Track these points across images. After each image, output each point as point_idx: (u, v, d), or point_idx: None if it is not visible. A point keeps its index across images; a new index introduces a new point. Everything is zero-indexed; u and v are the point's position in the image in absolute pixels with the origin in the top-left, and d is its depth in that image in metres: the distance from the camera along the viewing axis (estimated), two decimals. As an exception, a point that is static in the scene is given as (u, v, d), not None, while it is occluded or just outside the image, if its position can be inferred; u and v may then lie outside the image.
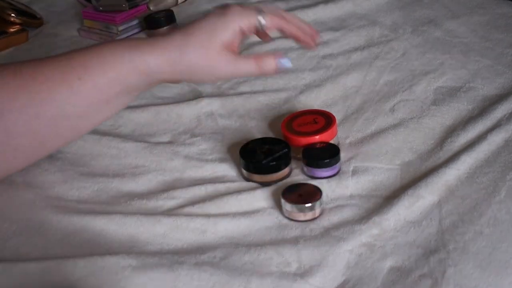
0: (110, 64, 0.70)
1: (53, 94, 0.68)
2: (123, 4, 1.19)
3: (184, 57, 0.71)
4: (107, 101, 0.71)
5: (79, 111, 0.70)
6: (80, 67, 0.69)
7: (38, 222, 0.71)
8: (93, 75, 0.69)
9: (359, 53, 1.04)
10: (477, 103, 0.88)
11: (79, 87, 0.69)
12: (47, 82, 0.68)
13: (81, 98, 0.69)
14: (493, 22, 1.10)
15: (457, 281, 0.61)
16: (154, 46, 0.71)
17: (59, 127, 0.70)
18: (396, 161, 0.79)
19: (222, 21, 0.72)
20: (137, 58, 0.70)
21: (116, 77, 0.70)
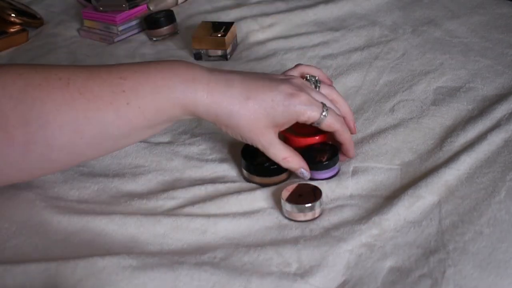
0: (161, 95, 0.69)
1: (99, 114, 0.67)
2: (123, 4, 1.19)
3: (232, 119, 0.71)
4: (150, 126, 0.71)
5: (122, 133, 0.70)
6: (130, 92, 0.68)
7: (38, 223, 0.71)
8: (142, 103, 0.69)
9: (359, 53, 1.04)
10: (477, 103, 0.88)
11: (127, 112, 0.68)
12: (95, 101, 0.67)
13: (126, 122, 0.69)
14: (493, 22, 1.10)
15: (457, 281, 0.61)
16: (210, 92, 0.70)
17: (100, 145, 0.70)
18: (396, 161, 0.79)
19: (286, 106, 0.72)
20: (188, 99, 0.70)
21: (164, 108, 0.70)
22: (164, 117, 0.71)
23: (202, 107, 0.70)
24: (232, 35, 1.09)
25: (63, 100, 0.66)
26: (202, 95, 0.70)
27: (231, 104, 0.70)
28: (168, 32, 1.17)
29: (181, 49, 1.12)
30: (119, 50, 1.14)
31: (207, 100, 0.70)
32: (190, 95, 0.70)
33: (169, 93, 0.69)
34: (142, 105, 0.69)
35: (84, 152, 0.70)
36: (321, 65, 1.02)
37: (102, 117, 0.68)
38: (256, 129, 0.72)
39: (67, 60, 1.12)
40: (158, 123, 0.72)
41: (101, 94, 0.68)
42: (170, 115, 0.71)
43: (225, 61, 1.07)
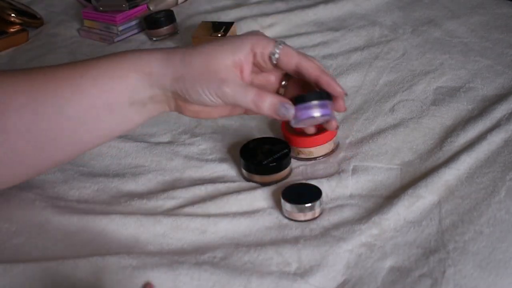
0: (113, 64, 0.68)
1: (55, 92, 0.66)
2: (123, 4, 1.19)
3: (187, 59, 0.67)
4: (109, 107, 0.68)
5: (80, 112, 0.67)
6: (83, 66, 0.68)
7: (38, 222, 0.71)
8: (94, 73, 0.67)
9: (359, 53, 1.04)
10: (477, 103, 0.88)
11: (80, 85, 0.67)
12: (52, 80, 0.67)
13: (81, 97, 0.67)
14: (493, 22, 1.10)
15: (457, 281, 0.61)
16: (158, 50, 0.69)
17: (58, 130, 0.68)
18: (396, 161, 0.79)
19: (234, 38, 0.69)
20: (138, 59, 0.68)
21: (117, 75, 0.67)
22: (118, 88, 0.67)
23: (155, 62, 0.67)
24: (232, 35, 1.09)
25: (23, 82, 0.66)
26: (152, 53, 0.68)
27: (182, 52, 0.68)
28: (168, 32, 1.17)
29: (181, 49, 1.12)
30: (119, 50, 1.14)
31: (158, 55, 0.68)
32: (139, 59, 0.68)
33: (118, 61, 0.68)
34: (95, 75, 0.67)
35: (43, 140, 0.67)
36: (321, 65, 1.02)
37: (58, 95, 0.66)
38: (216, 68, 0.67)
39: (67, 60, 1.12)
40: (114, 100, 0.67)
41: (56, 73, 0.67)
42: (126, 86, 0.67)
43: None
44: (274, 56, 0.69)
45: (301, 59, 0.69)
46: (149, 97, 0.69)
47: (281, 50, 0.69)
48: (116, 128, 0.70)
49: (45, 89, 0.66)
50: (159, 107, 0.71)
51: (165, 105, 0.71)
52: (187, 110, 0.71)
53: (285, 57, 0.69)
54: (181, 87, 0.68)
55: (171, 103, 0.71)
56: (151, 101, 0.69)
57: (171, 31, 1.17)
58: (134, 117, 0.70)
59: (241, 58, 0.68)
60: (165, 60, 0.68)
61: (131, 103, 0.69)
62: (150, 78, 0.68)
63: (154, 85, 0.68)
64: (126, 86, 0.68)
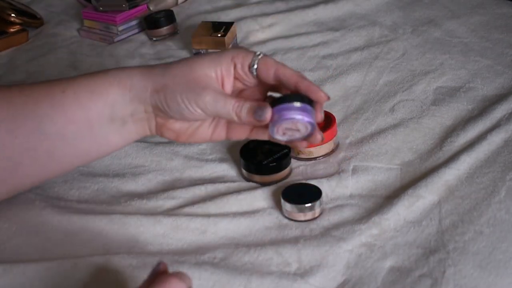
0: (94, 79, 0.67)
1: (34, 107, 0.65)
2: (123, 4, 1.19)
3: (167, 71, 0.66)
4: (88, 123, 0.66)
5: (58, 128, 0.65)
6: (64, 82, 0.67)
7: (38, 222, 0.71)
8: (75, 88, 0.66)
9: (359, 53, 1.04)
10: (477, 103, 0.88)
11: (61, 100, 0.65)
12: (32, 96, 0.65)
13: (61, 113, 0.65)
14: (493, 22, 1.10)
15: (457, 281, 0.61)
16: (140, 66, 0.68)
17: (36, 146, 0.65)
18: (396, 161, 0.79)
19: (215, 52, 0.67)
20: (120, 73, 0.67)
21: (98, 90, 0.66)
22: (100, 103, 0.65)
23: (136, 76, 0.66)
24: (232, 35, 1.09)
25: (1, 95, 0.65)
26: (133, 68, 0.67)
27: (163, 66, 0.66)
28: (168, 32, 1.17)
29: (181, 49, 1.12)
30: (119, 50, 1.14)
31: (139, 69, 0.66)
32: (121, 73, 0.66)
33: (100, 76, 0.66)
34: (77, 90, 0.65)
35: (19, 158, 0.65)
36: (321, 65, 1.02)
37: (37, 110, 0.64)
38: (196, 78, 0.65)
39: (67, 60, 1.13)
40: (95, 116, 0.66)
41: (38, 88, 0.66)
42: (107, 101, 0.66)
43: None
44: (254, 66, 0.67)
45: (279, 66, 0.67)
46: (130, 113, 0.67)
47: (260, 60, 0.67)
48: (96, 148, 0.68)
49: (23, 105, 0.65)
50: (140, 127, 0.68)
51: (146, 125, 0.68)
52: (167, 130, 0.69)
53: (264, 65, 0.67)
54: (160, 99, 0.65)
55: (151, 123, 0.68)
56: (132, 119, 0.67)
57: (171, 31, 1.17)
58: (115, 137, 0.68)
59: (222, 70, 0.66)
60: (145, 73, 0.66)
61: (111, 120, 0.67)
62: (130, 92, 0.66)
63: (134, 100, 0.66)
64: (106, 101, 0.66)
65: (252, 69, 0.67)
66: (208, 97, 0.64)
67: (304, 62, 1.04)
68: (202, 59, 0.66)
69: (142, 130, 0.69)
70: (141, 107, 0.67)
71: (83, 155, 0.69)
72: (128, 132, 0.68)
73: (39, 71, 1.09)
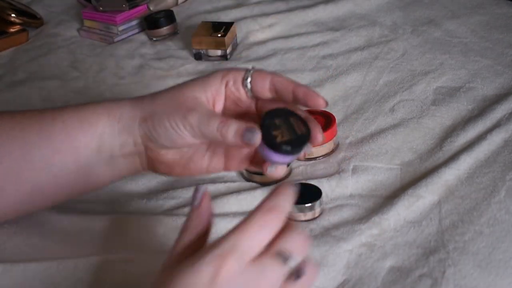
0: (85, 109, 0.64)
1: (22, 134, 0.63)
2: (123, 4, 1.19)
3: (156, 97, 0.63)
4: (75, 153, 0.63)
5: (44, 158, 0.63)
6: (57, 111, 0.65)
7: (38, 222, 0.71)
8: (65, 117, 0.64)
9: (359, 53, 1.04)
10: (477, 103, 0.88)
11: (49, 128, 0.63)
12: (20, 122, 0.64)
13: (48, 141, 0.63)
14: (493, 22, 1.10)
15: (457, 281, 0.61)
16: (130, 98, 0.65)
17: (20, 175, 0.63)
18: (396, 161, 0.79)
19: (206, 75, 0.63)
20: (111, 104, 0.64)
21: (88, 120, 0.63)
22: (88, 132, 0.63)
23: (125, 106, 0.63)
24: (232, 35, 1.09)
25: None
26: (123, 99, 0.65)
27: (153, 94, 0.63)
28: (168, 32, 1.17)
29: (181, 49, 1.12)
30: (119, 50, 1.14)
31: (128, 99, 0.64)
32: (111, 103, 0.64)
33: (90, 105, 0.65)
34: (65, 117, 0.63)
35: (3, 183, 0.63)
36: (321, 65, 1.02)
37: (24, 136, 0.63)
38: (185, 100, 0.61)
39: (67, 60, 1.12)
40: (83, 145, 0.63)
41: (29, 117, 0.64)
42: (95, 130, 0.63)
43: (225, 61, 1.07)
44: (247, 80, 0.61)
45: (274, 75, 0.62)
46: (119, 146, 0.63)
47: (254, 73, 0.62)
48: (82, 181, 0.65)
49: (11, 130, 0.64)
50: (130, 163, 0.65)
51: (137, 161, 0.65)
52: (160, 164, 0.64)
53: (258, 76, 0.61)
54: (149, 127, 0.62)
55: (142, 158, 0.64)
56: (121, 152, 0.64)
57: (171, 31, 1.17)
58: (102, 171, 0.64)
59: (212, 91, 0.62)
60: (135, 103, 0.64)
61: (98, 151, 0.63)
62: (119, 123, 0.63)
63: (123, 131, 0.63)
64: (95, 131, 0.63)
65: (246, 82, 0.62)
66: (193, 117, 0.60)
67: (304, 62, 1.04)
68: (192, 82, 0.63)
69: (132, 166, 0.65)
70: (131, 140, 0.63)
71: (68, 188, 0.65)
72: (117, 168, 0.65)
73: (39, 71, 1.09)
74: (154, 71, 1.06)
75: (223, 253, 0.46)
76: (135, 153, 0.64)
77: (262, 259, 0.48)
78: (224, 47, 1.06)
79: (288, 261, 0.48)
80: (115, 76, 1.06)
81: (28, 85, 1.04)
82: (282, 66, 1.03)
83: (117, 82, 1.05)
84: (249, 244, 0.47)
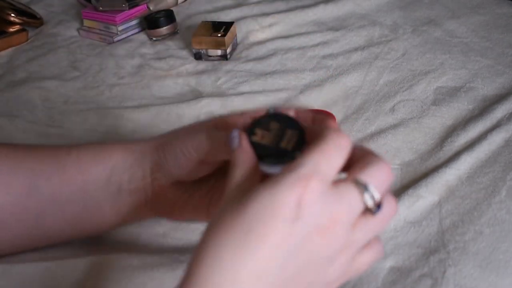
0: (101, 145, 0.64)
1: (34, 163, 0.62)
2: (123, 4, 1.19)
3: (172, 130, 0.62)
4: (84, 187, 0.62)
5: (52, 189, 0.62)
6: (74, 147, 0.64)
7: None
8: (81, 151, 0.63)
9: (359, 53, 1.04)
10: (477, 103, 0.88)
11: (63, 161, 0.62)
12: (36, 152, 0.64)
13: (59, 173, 0.62)
14: (493, 22, 1.10)
15: (457, 281, 0.61)
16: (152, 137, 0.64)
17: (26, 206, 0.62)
18: (396, 161, 0.79)
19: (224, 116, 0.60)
20: (129, 142, 0.64)
21: (102, 155, 0.62)
22: (101, 166, 0.62)
23: (141, 143, 0.62)
24: (232, 35, 1.09)
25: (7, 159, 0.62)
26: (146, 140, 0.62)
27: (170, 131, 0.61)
28: (168, 32, 1.17)
29: (181, 49, 1.12)
30: (119, 50, 1.14)
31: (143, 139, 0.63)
32: (127, 141, 0.64)
33: (106, 143, 0.64)
34: (82, 153, 0.63)
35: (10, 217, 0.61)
36: (321, 65, 1.02)
37: (35, 166, 0.61)
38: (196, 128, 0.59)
39: (67, 60, 1.12)
40: (93, 180, 0.62)
41: (46, 150, 0.63)
42: (108, 162, 0.62)
43: (225, 61, 1.07)
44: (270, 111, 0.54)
45: (295, 110, 0.55)
46: (127, 179, 0.62)
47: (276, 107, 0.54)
48: (88, 217, 0.63)
49: (23, 161, 0.62)
50: (135, 201, 0.63)
51: (142, 197, 0.63)
52: (163, 199, 0.62)
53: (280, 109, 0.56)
54: (159, 154, 0.61)
55: (148, 192, 0.62)
56: (128, 187, 0.62)
57: (171, 31, 1.17)
58: (108, 206, 0.63)
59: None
60: (151, 138, 0.63)
61: (107, 184, 0.62)
62: (132, 155, 0.62)
63: (134, 164, 0.62)
64: (107, 165, 0.62)
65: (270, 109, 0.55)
66: (202, 134, 0.58)
67: (304, 62, 1.04)
68: (214, 118, 0.60)
69: (137, 201, 0.63)
70: (140, 173, 0.62)
71: (73, 223, 0.63)
72: (123, 204, 0.63)
73: (39, 71, 1.09)
74: (154, 71, 1.06)
75: (306, 175, 0.43)
76: (141, 188, 0.62)
77: (341, 185, 0.45)
78: (224, 47, 1.06)
79: (368, 191, 0.45)
80: (115, 76, 1.06)
81: (28, 85, 1.04)
82: (282, 66, 1.03)
83: (117, 82, 1.05)
84: (329, 165, 0.45)
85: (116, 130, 0.91)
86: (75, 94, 1.02)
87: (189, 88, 1.01)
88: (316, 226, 0.44)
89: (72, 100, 1.01)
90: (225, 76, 1.03)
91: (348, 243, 0.46)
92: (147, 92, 1.01)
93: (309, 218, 0.43)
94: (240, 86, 0.99)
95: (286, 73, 1.01)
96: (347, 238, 0.45)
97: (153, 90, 1.01)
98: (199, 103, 0.94)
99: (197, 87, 1.00)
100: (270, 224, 0.43)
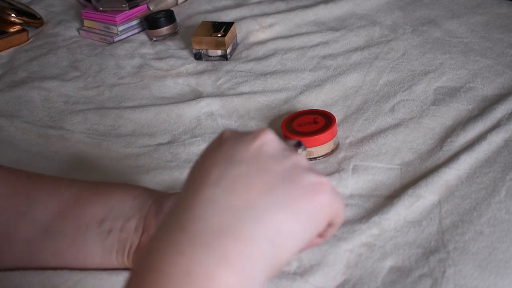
0: (106, 183, 0.64)
1: (32, 190, 0.63)
2: (123, 4, 1.19)
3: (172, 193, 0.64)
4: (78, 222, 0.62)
5: (46, 218, 0.62)
6: (77, 181, 0.65)
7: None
8: (82, 186, 0.64)
9: (359, 53, 1.04)
10: (477, 103, 0.88)
11: (62, 194, 0.63)
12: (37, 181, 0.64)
13: (56, 204, 0.62)
14: (493, 22, 1.10)
15: (457, 281, 0.61)
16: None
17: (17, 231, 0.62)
18: (396, 161, 0.79)
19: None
20: (133, 185, 0.65)
21: (102, 193, 0.63)
22: (99, 204, 0.62)
23: (146, 188, 0.63)
24: (232, 35, 1.09)
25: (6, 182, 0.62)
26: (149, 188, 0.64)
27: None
28: (168, 32, 1.17)
29: (181, 49, 1.12)
30: (119, 50, 1.14)
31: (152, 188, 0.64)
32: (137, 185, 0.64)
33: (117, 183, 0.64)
34: (83, 188, 0.63)
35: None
36: (321, 65, 1.02)
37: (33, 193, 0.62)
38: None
39: (67, 60, 1.12)
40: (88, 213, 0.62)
41: (48, 179, 0.63)
42: (107, 203, 0.62)
43: (225, 61, 1.07)
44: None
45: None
46: (120, 227, 0.62)
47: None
48: (74, 252, 0.62)
49: (23, 187, 0.63)
50: (121, 245, 0.62)
51: (127, 244, 0.62)
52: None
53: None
54: (157, 204, 0.62)
55: (134, 241, 0.62)
56: (118, 234, 0.62)
57: (171, 31, 1.17)
58: (95, 246, 0.62)
59: None
60: (156, 190, 0.64)
61: (100, 223, 0.62)
62: (133, 200, 0.63)
63: (132, 209, 0.62)
64: (105, 204, 0.62)
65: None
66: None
67: (304, 62, 1.04)
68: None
69: (122, 247, 0.62)
70: (133, 223, 0.62)
71: (59, 256, 0.63)
72: (109, 247, 0.62)
73: (39, 71, 1.09)
74: (154, 71, 1.06)
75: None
76: (129, 238, 0.62)
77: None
78: (224, 47, 1.06)
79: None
80: (115, 76, 1.06)
81: (28, 85, 1.04)
82: (282, 66, 1.03)
83: (117, 82, 1.05)
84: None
85: (116, 130, 0.91)
86: (75, 94, 1.03)
87: (189, 88, 1.01)
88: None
89: (72, 100, 1.01)
90: (225, 76, 1.03)
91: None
92: (147, 92, 1.01)
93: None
94: (240, 86, 0.99)
95: (286, 73, 1.01)
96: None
97: (153, 90, 1.01)
98: (199, 103, 0.94)
99: (197, 87, 1.00)
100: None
